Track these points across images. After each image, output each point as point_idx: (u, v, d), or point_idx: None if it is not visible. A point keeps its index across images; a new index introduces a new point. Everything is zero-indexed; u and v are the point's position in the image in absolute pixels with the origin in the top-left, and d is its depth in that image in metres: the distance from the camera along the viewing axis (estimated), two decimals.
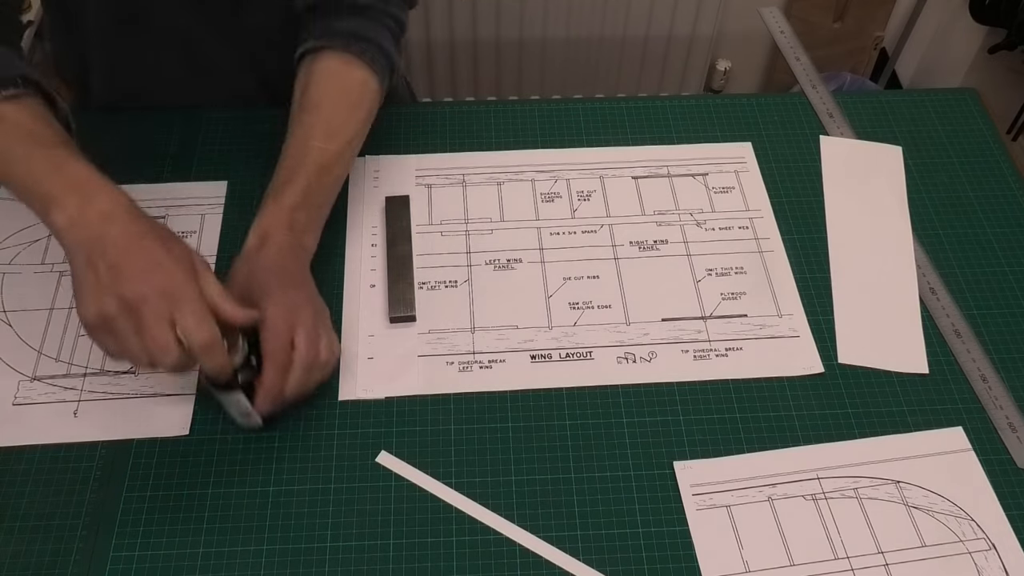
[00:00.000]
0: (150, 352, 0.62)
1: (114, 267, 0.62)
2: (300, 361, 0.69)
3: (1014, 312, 0.84)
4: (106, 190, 0.65)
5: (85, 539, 0.69)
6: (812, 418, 0.76)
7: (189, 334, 0.62)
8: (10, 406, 0.76)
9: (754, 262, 0.87)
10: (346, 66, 0.81)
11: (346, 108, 0.81)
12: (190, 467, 0.73)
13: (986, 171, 0.95)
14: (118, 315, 0.61)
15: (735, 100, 1.02)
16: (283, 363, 0.69)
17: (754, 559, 0.69)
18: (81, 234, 0.63)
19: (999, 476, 0.73)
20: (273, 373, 0.69)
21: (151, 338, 0.62)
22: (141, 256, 0.63)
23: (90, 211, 0.63)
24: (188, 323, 0.62)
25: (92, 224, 0.63)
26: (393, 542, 0.69)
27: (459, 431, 0.75)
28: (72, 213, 0.63)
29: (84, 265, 0.62)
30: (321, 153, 0.78)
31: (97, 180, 0.65)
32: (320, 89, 0.80)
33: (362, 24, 0.83)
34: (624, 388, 0.78)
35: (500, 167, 0.94)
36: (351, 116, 0.81)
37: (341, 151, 0.80)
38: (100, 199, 0.64)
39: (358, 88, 0.82)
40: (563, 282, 0.85)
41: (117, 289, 0.61)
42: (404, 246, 0.86)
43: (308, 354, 0.70)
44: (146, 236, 0.64)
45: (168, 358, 0.62)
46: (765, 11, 1.14)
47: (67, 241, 0.64)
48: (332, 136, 0.79)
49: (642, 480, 0.73)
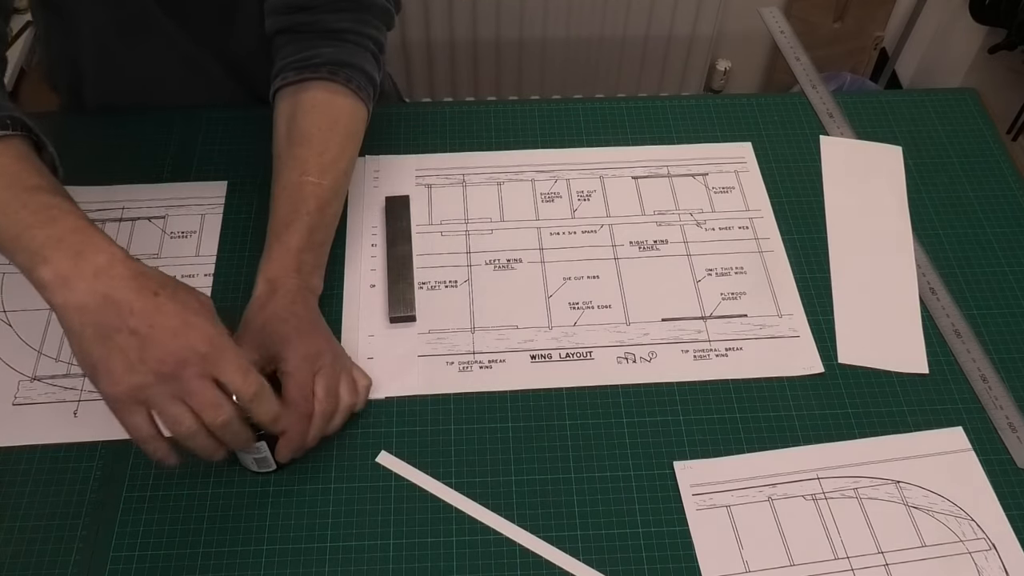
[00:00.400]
0: (201, 413, 0.59)
1: (137, 334, 0.56)
2: (320, 410, 0.69)
3: (1014, 312, 0.84)
4: (100, 243, 0.58)
5: (85, 539, 0.69)
6: (812, 418, 0.76)
7: (238, 387, 0.60)
8: (10, 406, 0.76)
9: (754, 262, 0.87)
10: (333, 96, 0.79)
11: (338, 140, 0.79)
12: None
13: (986, 171, 0.95)
14: (155, 384, 0.57)
15: (735, 100, 1.02)
16: (306, 412, 0.68)
17: (754, 559, 0.69)
18: (76, 296, 0.56)
19: (999, 476, 0.73)
20: (296, 423, 0.67)
21: (199, 401, 0.58)
22: (164, 318, 0.57)
23: (85, 267, 0.56)
24: (235, 377, 0.59)
25: (88, 283, 0.56)
26: (393, 542, 0.69)
27: (459, 431, 0.75)
28: (63, 270, 0.56)
29: (95, 336, 0.56)
30: (318, 189, 0.76)
31: (90, 231, 0.58)
32: (309, 120, 0.78)
33: (343, 50, 0.80)
34: (624, 388, 0.78)
35: (500, 167, 0.94)
36: (344, 148, 0.80)
37: (337, 186, 0.78)
38: (94, 253, 0.57)
39: (347, 118, 0.80)
40: (563, 282, 0.85)
41: (150, 358, 0.56)
42: (404, 246, 0.86)
43: (328, 403, 0.69)
44: (159, 293, 0.58)
45: (221, 415, 0.59)
46: (765, 11, 1.14)
47: (58, 301, 0.56)
48: (326, 171, 0.77)
49: (642, 480, 0.73)
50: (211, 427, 0.59)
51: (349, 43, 0.81)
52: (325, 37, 0.80)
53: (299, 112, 0.79)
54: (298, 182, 0.76)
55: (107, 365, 0.56)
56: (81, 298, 0.56)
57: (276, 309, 0.72)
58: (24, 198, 0.58)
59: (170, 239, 0.87)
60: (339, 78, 0.79)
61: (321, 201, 0.77)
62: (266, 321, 0.71)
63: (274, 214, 0.77)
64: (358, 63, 0.81)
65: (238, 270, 0.84)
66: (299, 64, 0.80)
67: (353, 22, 0.81)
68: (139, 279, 0.58)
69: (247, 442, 0.64)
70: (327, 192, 0.77)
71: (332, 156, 0.78)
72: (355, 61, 0.80)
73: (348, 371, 0.73)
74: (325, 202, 0.77)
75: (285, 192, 0.77)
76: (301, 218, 0.75)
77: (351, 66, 0.80)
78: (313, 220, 0.76)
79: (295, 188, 0.76)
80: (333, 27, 0.80)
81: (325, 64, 0.79)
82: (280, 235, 0.75)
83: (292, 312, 0.72)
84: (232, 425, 0.60)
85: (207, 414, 0.59)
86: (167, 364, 0.57)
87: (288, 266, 0.74)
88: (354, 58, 0.80)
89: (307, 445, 0.70)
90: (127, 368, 0.56)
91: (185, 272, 0.84)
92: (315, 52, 0.79)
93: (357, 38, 0.81)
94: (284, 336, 0.70)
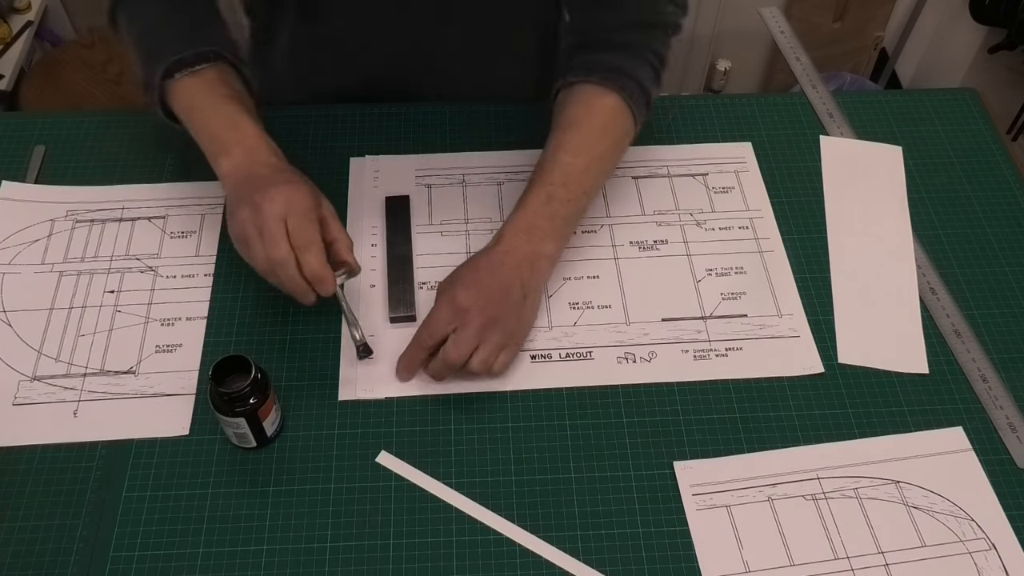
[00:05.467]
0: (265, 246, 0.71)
1: (254, 186, 0.73)
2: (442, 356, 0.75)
3: (1014, 312, 0.84)
4: (267, 147, 0.77)
5: (85, 539, 0.69)
6: (812, 418, 0.76)
7: (294, 233, 0.71)
8: (10, 406, 0.76)
9: (754, 262, 0.87)
10: (601, 96, 0.84)
11: (597, 128, 0.84)
12: (190, 467, 0.73)
13: (986, 171, 0.95)
14: (249, 218, 0.71)
15: (735, 100, 1.02)
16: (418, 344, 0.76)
17: (754, 559, 0.69)
18: (239, 175, 0.75)
19: (999, 476, 0.73)
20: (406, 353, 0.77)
21: (267, 233, 0.71)
22: (277, 177, 0.74)
23: (251, 160, 0.76)
24: (295, 224, 0.71)
25: (249, 168, 0.75)
26: (393, 542, 0.69)
27: (459, 431, 0.75)
28: (237, 162, 0.76)
29: (236, 195, 0.74)
30: (567, 166, 0.81)
31: (261, 137, 0.77)
32: (574, 111, 0.84)
33: (623, 59, 0.85)
34: (624, 388, 0.78)
35: (500, 167, 0.94)
36: (602, 135, 0.84)
37: (589, 166, 0.82)
38: (260, 152, 0.76)
39: (609, 114, 0.84)
40: (563, 282, 0.85)
41: (251, 198, 0.72)
42: (404, 246, 0.86)
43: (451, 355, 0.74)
44: (286, 171, 0.76)
45: (278, 251, 0.70)
46: (765, 11, 1.14)
47: (228, 182, 0.76)
48: (580, 152, 0.82)
49: (642, 480, 0.73)
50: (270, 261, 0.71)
51: (631, 56, 0.85)
52: (610, 48, 0.85)
53: (569, 104, 0.85)
54: (551, 157, 0.82)
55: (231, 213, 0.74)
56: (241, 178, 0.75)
57: (480, 256, 0.79)
58: (223, 107, 0.77)
59: (170, 239, 0.87)
60: (612, 84, 0.83)
61: (567, 177, 0.81)
62: (468, 262, 0.79)
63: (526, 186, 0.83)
64: (635, 73, 0.85)
65: (238, 270, 0.84)
66: (581, 68, 0.85)
67: (641, 37, 0.86)
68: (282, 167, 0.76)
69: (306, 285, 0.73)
70: (576, 170, 0.82)
71: (589, 141, 0.83)
72: (632, 71, 0.85)
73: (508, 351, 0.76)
74: (571, 178, 0.81)
75: (539, 166, 0.83)
76: (545, 187, 0.80)
77: (627, 75, 0.84)
78: (555, 191, 0.80)
79: (548, 161, 0.82)
80: (618, 40, 0.86)
81: (602, 70, 0.84)
82: (520, 199, 0.81)
83: (490, 264, 0.77)
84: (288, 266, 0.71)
85: (269, 250, 0.71)
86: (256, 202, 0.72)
87: (518, 225, 0.79)
88: (632, 68, 0.85)
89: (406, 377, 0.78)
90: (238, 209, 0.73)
91: (185, 272, 0.84)
92: (598, 60, 0.85)
93: (640, 51, 0.86)
94: (458, 279, 0.77)
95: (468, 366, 0.74)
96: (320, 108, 0.98)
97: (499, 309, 0.75)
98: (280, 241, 0.71)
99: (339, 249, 0.75)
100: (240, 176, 0.75)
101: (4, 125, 0.97)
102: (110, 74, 1.75)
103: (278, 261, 0.71)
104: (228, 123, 0.77)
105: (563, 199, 0.80)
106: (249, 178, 0.74)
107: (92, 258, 0.85)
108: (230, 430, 0.71)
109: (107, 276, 0.84)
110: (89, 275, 0.84)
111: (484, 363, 0.74)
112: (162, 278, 0.84)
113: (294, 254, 0.71)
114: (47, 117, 0.97)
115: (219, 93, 0.78)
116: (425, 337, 0.76)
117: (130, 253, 0.86)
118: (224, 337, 0.80)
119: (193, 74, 0.78)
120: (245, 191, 0.73)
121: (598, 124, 0.84)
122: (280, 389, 0.77)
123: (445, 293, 0.77)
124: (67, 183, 0.91)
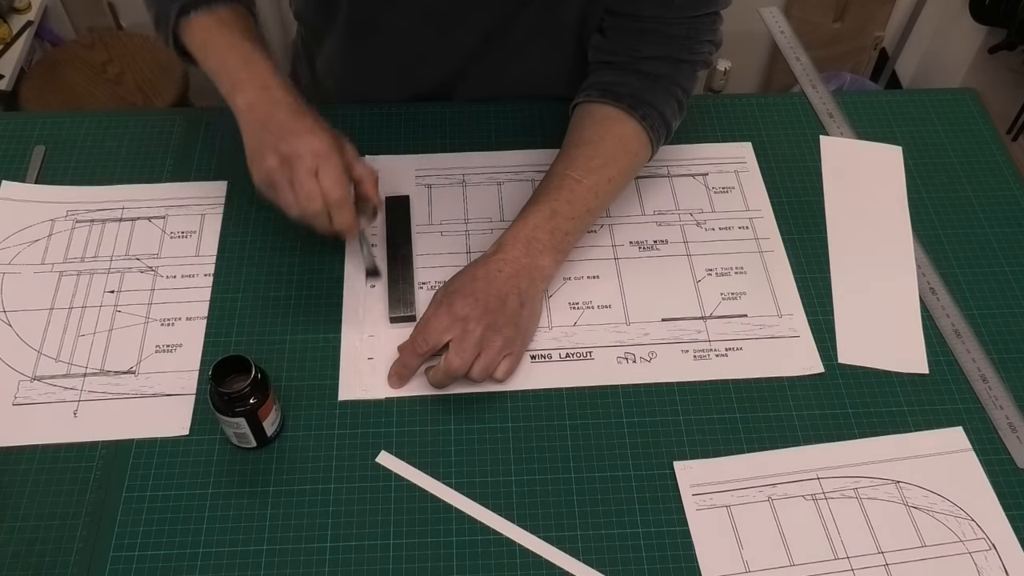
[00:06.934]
0: (300, 200, 0.73)
1: (277, 133, 0.74)
2: (444, 365, 0.75)
3: (1014, 312, 0.84)
4: (281, 84, 0.77)
5: (85, 539, 0.69)
6: (812, 418, 0.76)
7: (327, 189, 0.73)
8: (10, 406, 0.76)
9: (754, 262, 0.87)
10: (622, 119, 0.84)
11: (609, 150, 0.84)
12: (190, 467, 0.73)
13: (986, 171, 0.95)
14: (278, 168, 0.74)
15: (735, 100, 1.02)
16: (413, 351, 0.76)
17: (754, 559, 0.69)
18: (256, 115, 0.76)
19: (999, 476, 0.73)
20: (402, 355, 0.78)
21: (300, 187, 0.73)
22: (299, 125, 0.75)
23: (266, 97, 0.76)
24: (327, 180, 0.74)
25: (266, 107, 0.76)
26: (393, 542, 0.69)
27: (459, 431, 0.75)
28: (252, 98, 0.76)
29: (257, 137, 0.75)
30: (575, 184, 0.82)
31: (274, 75, 0.78)
32: (590, 130, 0.85)
33: (650, 89, 0.85)
34: (624, 388, 0.78)
35: (500, 167, 0.94)
36: (614, 159, 0.84)
37: (598, 188, 0.83)
38: (275, 90, 0.77)
39: (627, 139, 0.85)
40: (563, 282, 0.85)
41: (278, 147, 0.74)
42: (404, 246, 0.86)
43: (453, 363, 0.74)
44: (306, 116, 0.76)
45: (313, 205, 0.73)
46: (765, 11, 1.14)
47: (244, 119, 0.77)
48: (590, 172, 0.82)
49: (642, 480, 0.73)
50: (304, 214, 0.74)
51: (660, 88, 0.86)
52: (640, 76, 0.86)
53: (585, 122, 0.86)
54: (560, 174, 0.83)
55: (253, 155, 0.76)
56: (258, 116, 0.76)
57: (478, 265, 0.79)
58: (238, 44, 0.79)
59: (170, 239, 0.87)
60: (636, 113, 0.84)
61: (574, 195, 0.81)
62: (464, 271, 0.79)
63: (530, 198, 0.83)
64: (659, 105, 0.85)
65: (238, 270, 0.84)
66: (605, 88, 0.86)
67: (671, 70, 0.87)
68: (299, 108, 0.77)
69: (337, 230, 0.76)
70: (584, 189, 0.82)
71: (600, 162, 0.83)
72: (656, 102, 0.85)
73: (508, 359, 0.76)
74: (578, 196, 0.82)
75: (547, 180, 0.83)
76: (549, 202, 0.81)
77: (651, 105, 0.85)
78: (559, 206, 0.81)
79: (556, 177, 0.83)
80: (650, 70, 0.86)
81: (627, 96, 0.85)
82: (523, 211, 0.82)
83: (487, 273, 0.77)
84: (321, 217, 0.75)
85: (303, 203, 0.74)
86: (285, 154, 0.74)
87: (517, 236, 0.80)
88: (658, 100, 0.85)
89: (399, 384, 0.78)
90: (263, 155, 0.75)
91: (185, 272, 0.84)
92: (624, 83, 0.85)
93: (668, 84, 0.86)
94: (456, 289, 0.77)
95: (470, 374, 0.74)
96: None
97: (497, 317, 0.75)
98: (315, 196, 0.73)
99: (366, 186, 0.78)
100: (257, 116, 0.76)
101: (4, 125, 0.97)
102: (110, 74, 1.75)
103: (312, 215, 0.74)
104: (242, 60, 0.78)
105: (567, 216, 0.81)
106: (268, 121, 0.75)
107: (92, 258, 0.85)
108: (230, 430, 0.71)
109: (107, 276, 0.84)
110: (89, 275, 0.84)
111: (485, 371, 0.74)
112: (162, 278, 0.84)
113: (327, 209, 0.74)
114: (47, 117, 0.97)
115: (233, 31, 0.79)
116: (420, 344, 0.76)
117: (130, 253, 0.86)
118: (224, 337, 0.80)
119: (208, 12, 0.79)
120: (268, 137, 0.75)
121: (615, 148, 0.84)
122: (280, 389, 0.77)
123: (442, 301, 0.77)
124: (67, 183, 0.91)
